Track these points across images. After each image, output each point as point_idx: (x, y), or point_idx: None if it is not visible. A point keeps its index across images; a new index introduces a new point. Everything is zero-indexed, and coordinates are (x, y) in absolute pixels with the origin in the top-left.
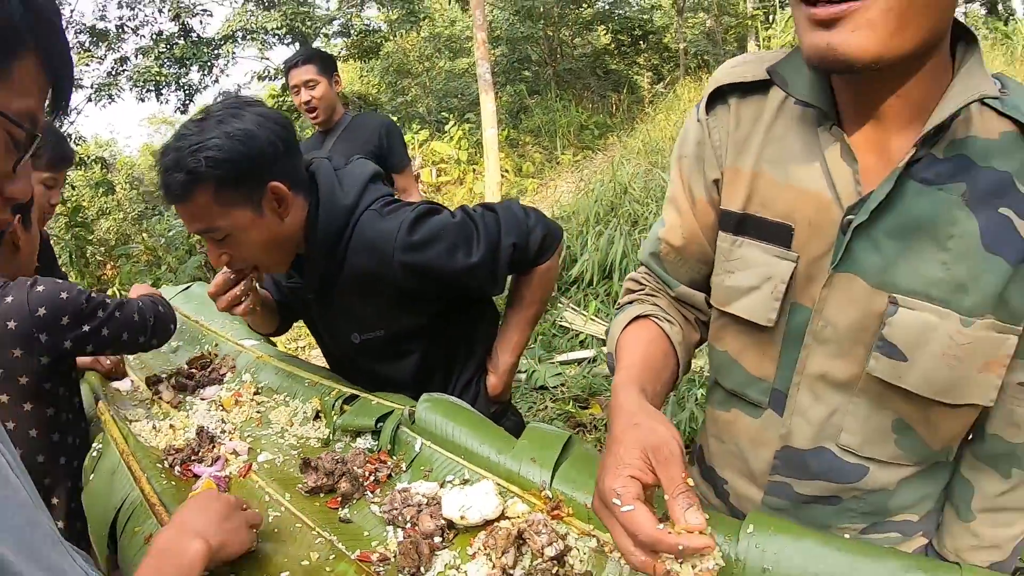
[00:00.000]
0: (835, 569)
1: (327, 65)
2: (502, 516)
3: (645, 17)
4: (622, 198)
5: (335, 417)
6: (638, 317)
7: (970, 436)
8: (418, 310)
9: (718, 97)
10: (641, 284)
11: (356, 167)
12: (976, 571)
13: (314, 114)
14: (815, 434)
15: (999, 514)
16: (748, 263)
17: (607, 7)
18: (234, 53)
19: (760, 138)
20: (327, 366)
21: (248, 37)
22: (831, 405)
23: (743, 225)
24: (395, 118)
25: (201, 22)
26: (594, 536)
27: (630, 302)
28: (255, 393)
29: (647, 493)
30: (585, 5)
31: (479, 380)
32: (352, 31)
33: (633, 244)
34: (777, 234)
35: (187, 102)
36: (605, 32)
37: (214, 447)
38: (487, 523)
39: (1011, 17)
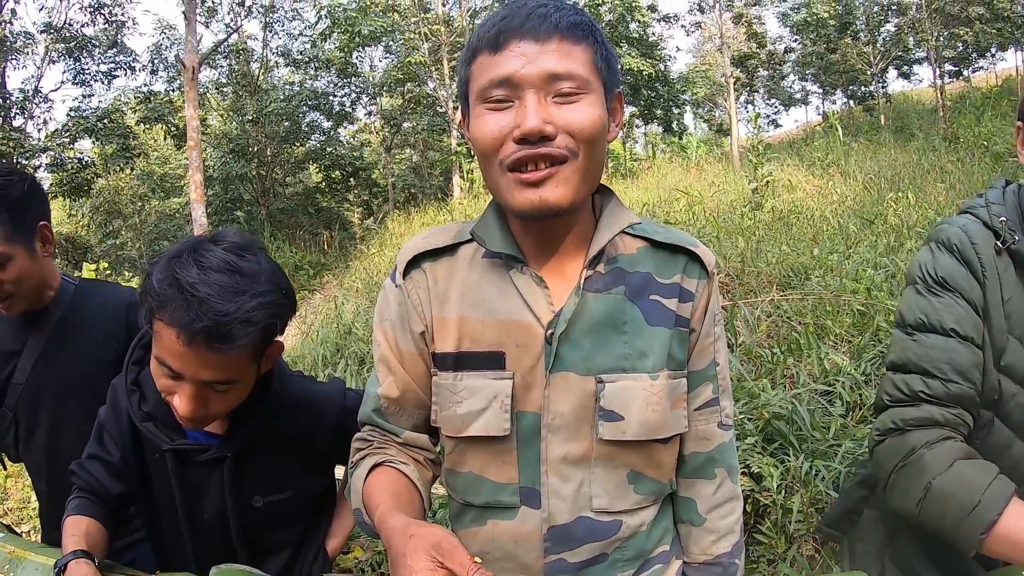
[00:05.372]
0: None
1: (21, 220)
2: None
3: (355, 154)
4: (346, 339)
5: None
6: (375, 466)
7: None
8: (327, 471)
9: (412, 264)
10: (368, 440)
11: None
12: None
13: (6, 302)
14: (571, 507)
15: (721, 507)
16: (473, 391)
17: (319, 145)
18: None
19: (458, 289)
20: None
21: None
22: (576, 480)
23: (460, 362)
24: (105, 263)
25: None
26: None
27: (362, 457)
28: None
29: None
30: (297, 144)
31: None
32: (66, 165)
33: (362, 383)
34: (491, 361)
35: None
36: (317, 170)
37: None
38: None
39: (684, 133)
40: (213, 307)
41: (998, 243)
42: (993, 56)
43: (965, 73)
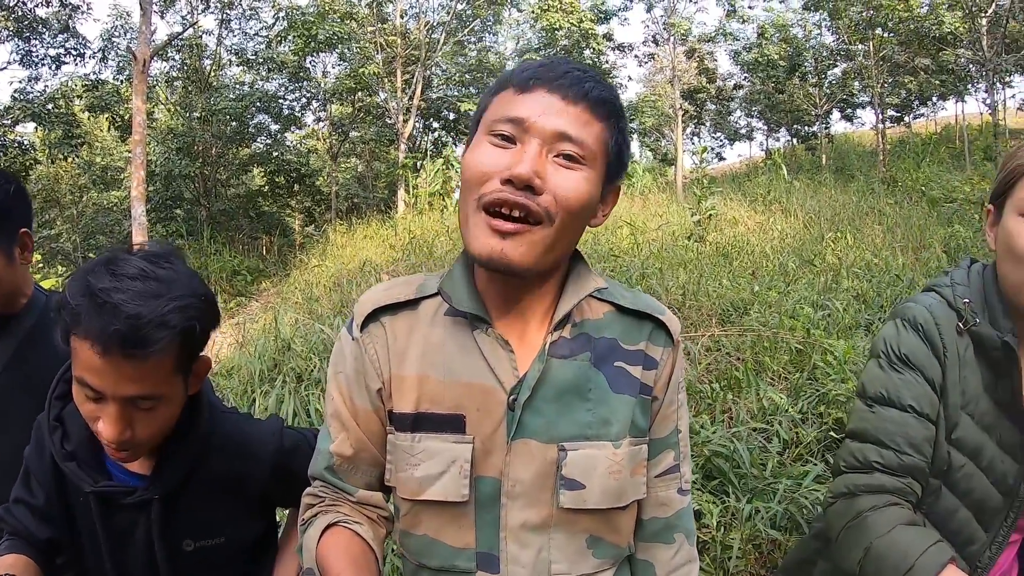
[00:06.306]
0: None
1: (2, 226)
2: None
3: (301, 160)
4: (285, 355)
5: None
6: (329, 526)
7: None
8: (262, 515)
9: (370, 318)
10: (320, 497)
11: None
12: None
13: None
14: (530, 573)
15: (678, 571)
16: (431, 454)
17: (265, 148)
18: None
19: (419, 347)
20: None
21: None
22: (536, 546)
23: (418, 423)
24: (38, 255)
25: None
26: None
27: (315, 515)
28: None
29: None
30: (243, 145)
31: None
32: (7, 149)
33: (301, 401)
34: (451, 424)
35: None
36: (261, 174)
37: None
38: None
39: (631, 160)
40: (125, 311)
41: (960, 324)
42: (934, 104)
43: (906, 119)
